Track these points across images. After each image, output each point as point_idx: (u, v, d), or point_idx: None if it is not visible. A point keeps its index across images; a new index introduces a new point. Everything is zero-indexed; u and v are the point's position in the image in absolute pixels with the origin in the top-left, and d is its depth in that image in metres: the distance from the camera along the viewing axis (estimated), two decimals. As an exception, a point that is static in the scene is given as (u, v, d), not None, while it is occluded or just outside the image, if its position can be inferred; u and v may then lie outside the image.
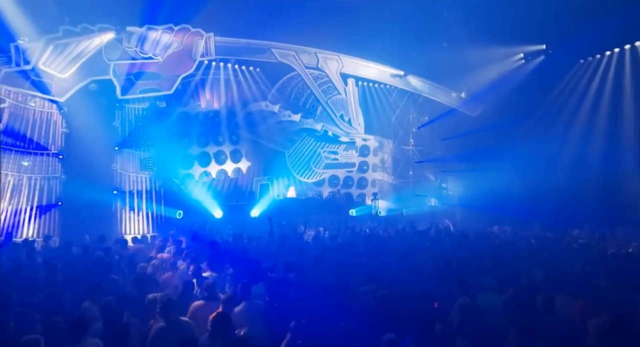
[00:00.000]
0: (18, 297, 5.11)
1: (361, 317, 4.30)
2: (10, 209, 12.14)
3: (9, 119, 12.15)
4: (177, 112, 14.60)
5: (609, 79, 12.79)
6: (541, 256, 7.91)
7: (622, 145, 11.93)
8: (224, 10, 13.84)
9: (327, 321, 4.14)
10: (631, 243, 9.64)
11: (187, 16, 13.78)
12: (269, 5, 14.07)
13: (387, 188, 18.02)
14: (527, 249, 8.93)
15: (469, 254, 7.75)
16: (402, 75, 17.07)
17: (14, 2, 11.34)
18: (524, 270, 6.43)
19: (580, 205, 12.45)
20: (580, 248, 9.09)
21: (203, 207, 13.76)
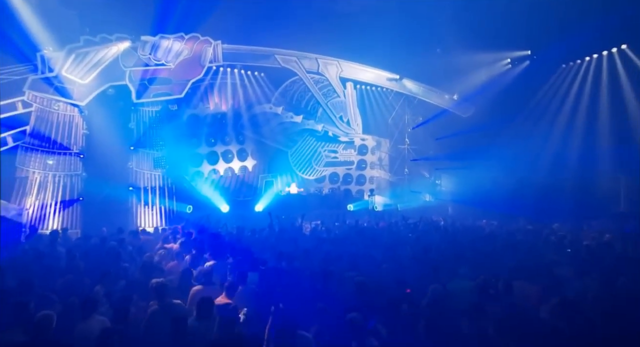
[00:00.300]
0: (40, 282, 5.61)
1: (340, 300, 4.64)
2: (36, 203, 13.26)
3: (36, 121, 13.28)
4: (188, 114, 15.67)
5: (587, 82, 13.75)
6: (518, 247, 8.50)
7: (598, 145, 12.86)
8: (231, 19, 14.84)
9: (308, 302, 4.56)
10: (604, 235, 10.50)
11: (196, 25, 14.83)
12: (272, 15, 15.01)
13: (384, 185, 19.04)
14: (506, 240, 9.86)
15: (450, 245, 8.45)
16: (397, 79, 18.07)
17: (39, 15, 12.49)
18: (499, 259, 7.04)
19: (560, 200, 13.35)
20: (558, 240, 9.94)
21: (211, 202, 14.82)
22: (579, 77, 14.08)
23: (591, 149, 12.98)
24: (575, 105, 13.96)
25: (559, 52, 14.11)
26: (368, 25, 15.16)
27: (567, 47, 13.61)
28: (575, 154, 13.11)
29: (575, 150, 13.20)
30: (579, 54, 14.13)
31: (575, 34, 12.92)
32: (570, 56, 14.33)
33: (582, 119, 13.58)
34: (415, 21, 15.30)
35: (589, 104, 13.56)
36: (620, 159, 12.02)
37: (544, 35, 14.05)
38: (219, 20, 14.49)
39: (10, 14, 11.77)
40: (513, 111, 15.78)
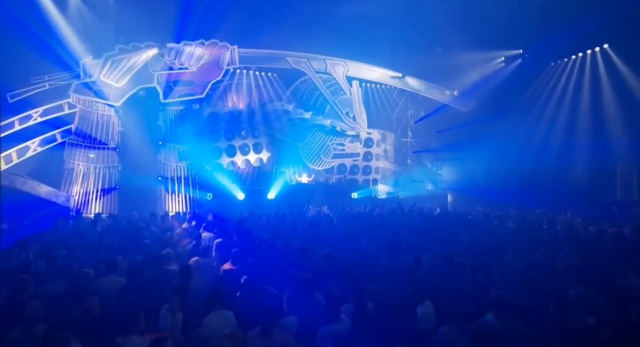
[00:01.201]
0: (82, 253, 7.07)
1: (312, 269, 5.42)
2: (81, 191, 15.43)
3: (79, 120, 15.38)
4: (208, 112, 17.50)
5: (572, 79, 14.76)
6: (487, 230, 9.78)
7: (578, 137, 13.94)
8: (246, 25, 16.41)
9: (286, 270, 5.49)
10: (576, 220, 11.67)
11: (215, 32, 16.47)
12: (283, 20, 16.36)
13: (388, 174, 20.44)
14: (483, 222, 11.23)
15: (425, 227, 9.64)
16: (400, 76, 19.36)
17: (80, 29, 14.49)
18: (456, 239, 8.04)
19: (547, 188, 14.50)
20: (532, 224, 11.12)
21: (229, 191, 16.66)
22: (565, 74, 15.09)
23: (571, 141, 14.05)
24: (560, 100, 14.98)
25: (548, 51, 15.13)
26: (372, 27, 16.22)
27: (555, 46, 14.66)
28: (557, 146, 14.19)
29: (557, 142, 14.28)
30: (567, 52, 15.11)
31: (562, 34, 13.93)
32: (558, 55, 15.32)
33: (566, 113, 14.60)
34: (416, 23, 16.41)
35: (572, 99, 14.58)
36: (596, 150, 13.09)
37: (534, 35, 15.08)
38: (235, 26, 16.08)
39: (56, 30, 13.80)
40: (507, 105, 16.90)
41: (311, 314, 3.90)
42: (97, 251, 7.26)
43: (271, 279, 5.21)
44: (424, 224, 10.37)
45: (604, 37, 13.68)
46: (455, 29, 16.39)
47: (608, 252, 6.44)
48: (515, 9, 14.36)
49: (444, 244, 7.44)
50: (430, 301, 3.96)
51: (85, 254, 7.06)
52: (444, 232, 8.88)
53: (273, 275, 5.40)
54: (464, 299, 4.04)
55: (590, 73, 14.17)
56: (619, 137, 12.96)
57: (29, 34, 12.20)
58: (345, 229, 9.55)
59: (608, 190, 14.49)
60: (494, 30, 15.76)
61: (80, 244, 7.99)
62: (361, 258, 6.31)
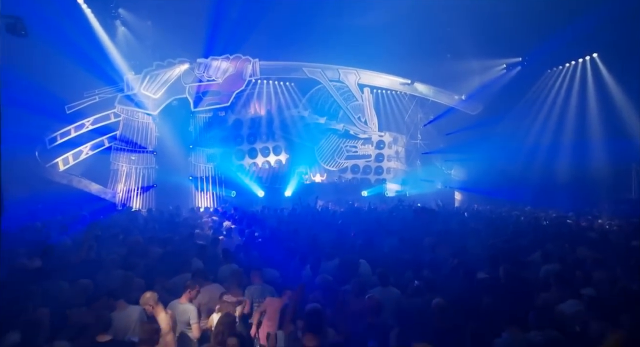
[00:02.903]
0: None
1: (298, 243, 7.05)
2: (124, 188, 17.84)
3: (123, 128, 17.77)
4: (233, 119, 19.56)
5: (564, 85, 15.71)
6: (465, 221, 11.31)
7: (564, 139, 14.91)
8: (266, 40, 18.24)
9: (281, 243, 7.20)
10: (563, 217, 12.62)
11: (239, 47, 18.47)
12: (299, 34, 17.97)
13: (400, 174, 21.82)
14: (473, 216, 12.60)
15: (412, 221, 10.94)
16: (409, 83, 20.73)
17: (124, 49, 16.83)
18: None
19: (554, 188, 15.33)
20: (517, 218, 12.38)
21: (250, 189, 18.64)
22: (558, 80, 16.05)
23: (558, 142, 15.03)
24: (552, 104, 15.95)
25: (545, 59, 16.15)
26: (382, 37, 17.46)
27: (551, 54, 15.68)
28: (545, 147, 15.17)
29: (545, 143, 15.26)
30: (561, 61, 16.06)
31: (557, 43, 14.97)
32: (554, 62, 16.29)
33: (556, 115, 15.56)
34: (424, 33, 17.63)
35: (562, 103, 15.55)
36: (580, 151, 14.05)
37: (532, 44, 16.12)
38: (257, 41, 17.96)
39: (105, 51, 16.18)
40: (509, 109, 17.92)
41: (290, 267, 5.69)
42: (144, 231, 9.34)
43: (269, 248, 7.06)
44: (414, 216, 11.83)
45: (592, 47, 14.58)
46: (461, 38, 17.58)
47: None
48: (516, 19, 15.42)
49: (416, 230, 8.93)
50: (366, 261, 5.58)
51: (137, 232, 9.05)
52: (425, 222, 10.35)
53: (270, 245, 7.26)
54: (393, 262, 5.69)
55: (579, 80, 15.10)
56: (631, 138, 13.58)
57: (83, 55, 14.49)
58: (342, 219, 11.27)
59: (624, 189, 15.13)
60: (496, 39, 16.83)
61: (132, 226, 10.11)
62: (337, 239, 7.93)
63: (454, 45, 18.42)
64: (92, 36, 15.23)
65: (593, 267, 5.08)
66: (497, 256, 5.45)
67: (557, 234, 8.06)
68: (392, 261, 5.80)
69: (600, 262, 5.20)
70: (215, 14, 16.10)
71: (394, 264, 5.69)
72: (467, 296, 4.26)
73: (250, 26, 17.04)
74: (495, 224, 10.10)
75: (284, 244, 7.17)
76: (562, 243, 6.73)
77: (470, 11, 16.54)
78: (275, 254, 6.56)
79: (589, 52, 14.95)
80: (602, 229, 8.59)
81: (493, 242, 7.15)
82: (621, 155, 13.67)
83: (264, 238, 8.31)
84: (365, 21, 17.12)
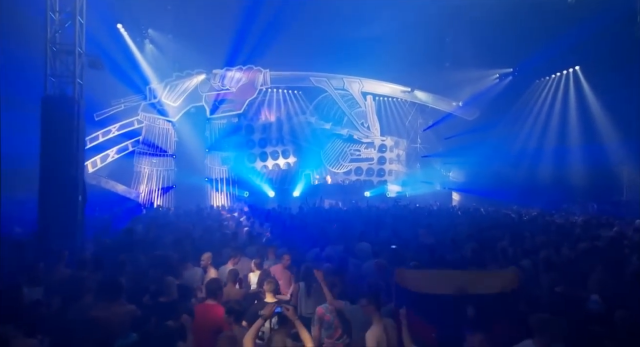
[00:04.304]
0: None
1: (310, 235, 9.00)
2: (146, 189, 19.45)
3: (145, 133, 19.39)
4: (245, 124, 21.11)
5: (549, 95, 17.11)
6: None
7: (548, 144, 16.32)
8: (276, 51, 19.66)
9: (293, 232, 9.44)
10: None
11: (251, 59, 20.03)
12: (306, 46, 19.57)
13: (400, 176, 23.25)
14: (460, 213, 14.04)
15: (404, 216, 12.75)
16: (409, 91, 22.19)
17: (148, 62, 18.47)
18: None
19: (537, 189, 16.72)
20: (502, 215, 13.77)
21: (261, 189, 20.16)
22: (545, 90, 17.45)
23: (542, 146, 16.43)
24: (539, 111, 17.36)
25: (533, 71, 17.56)
26: (384, 49, 18.92)
27: (539, 66, 17.09)
28: (531, 150, 16.57)
29: (532, 147, 16.67)
30: (548, 72, 17.46)
31: (543, 57, 16.35)
32: (541, 73, 17.69)
33: (542, 122, 16.96)
34: (424, 44, 19.01)
35: (547, 110, 16.97)
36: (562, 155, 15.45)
37: (522, 56, 17.51)
38: (267, 53, 19.48)
39: (132, 64, 17.81)
40: (501, 115, 19.28)
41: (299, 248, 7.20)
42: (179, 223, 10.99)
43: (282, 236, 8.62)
44: (407, 213, 13.36)
45: (575, 60, 15.98)
46: (458, 50, 19.06)
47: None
48: (508, 33, 16.74)
49: (408, 224, 10.41)
50: (367, 242, 7.06)
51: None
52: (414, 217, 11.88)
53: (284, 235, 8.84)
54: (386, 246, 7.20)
55: (562, 90, 16.53)
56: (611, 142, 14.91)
57: (116, 70, 16.11)
58: (346, 215, 12.82)
59: (614, 190, 16.42)
60: (490, 51, 18.23)
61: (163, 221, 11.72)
62: (342, 230, 9.50)
63: (452, 56, 19.91)
64: (125, 53, 16.83)
65: (541, 246, 6.56)
66: (462, 239, 6.93)
67: (530, 226, 9.53)
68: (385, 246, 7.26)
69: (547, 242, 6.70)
70: (229, 29, 17.71)
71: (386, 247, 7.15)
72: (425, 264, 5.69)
73: (261, 39, 18.57)
74: (478, 219, 11.56)
75: (295, 233, 8.68)
76: (527, 232, 8.18)
77: (467, 25, 18.00)
78: (288, 240, 8.09)
79: (572, 65, 16.31)
80: (567, 223, 10.00)
81: (471, 231, 8.60)
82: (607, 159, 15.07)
83: (278, 229, 9.79)
84: (368, 34, 18.51)
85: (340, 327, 3.52)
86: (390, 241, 7.63)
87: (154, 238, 7.34)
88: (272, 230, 9.58)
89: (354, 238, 7.79)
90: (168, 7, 16.76)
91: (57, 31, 6.37)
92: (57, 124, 6.22)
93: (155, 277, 4.63)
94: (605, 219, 10.50)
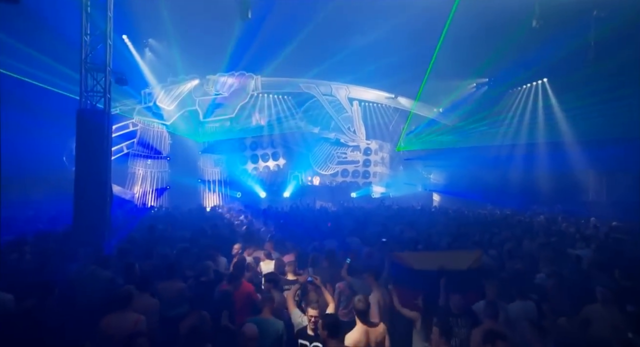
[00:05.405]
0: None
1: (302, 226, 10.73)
2: (140, 190, 20.13)
3: (140, 136, 20.08)
4: (237, 128, 22.00)
5: (520, 104, 18.68)
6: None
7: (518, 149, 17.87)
8: (267, 59, 20.68)
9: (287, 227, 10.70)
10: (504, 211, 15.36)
11: (243, 65, 20.93)
12: (297, 55, 20.43)
13: (384, 178, 24.51)
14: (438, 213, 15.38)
15: (388, 215, 14.04)
16: (393, 97, 23.47)
17: (143, 67, 19.16)
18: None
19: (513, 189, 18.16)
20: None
21: (253, 190, 21.09)
22: (517, 99, 19.01)
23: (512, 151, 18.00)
24: (512, 119, 18.91)
25: (507, 81, 19.07)
26: (370, 57, 20.19)
27: (512, 78, 18.59)
28: (504, 155, 18.09)
29: (504, 152, 18.19)
30: (520, 83, 19.01)
31: (515, 69, 17.83)
32: (514, 84, 19.24)
33: (514, 129, 18.51)
34: (407, 54, 20.30)
35: (519, 118, 18.53)
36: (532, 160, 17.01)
37: (497, 68, 18.93)
38: (259, 59, 20.46)
39: (131, 69, 18.47)
40: (478, 121, 20.73)
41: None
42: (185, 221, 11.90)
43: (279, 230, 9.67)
44: (393, 213, 14.59)
45: (543, 72, 17.53)
46: (439, 60, 20.36)
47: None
48: (484, 46, 18.07)
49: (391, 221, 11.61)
50: (357, 237, 8.21)
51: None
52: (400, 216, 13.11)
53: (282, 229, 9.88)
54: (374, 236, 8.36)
55: (532, 100, 18.10)
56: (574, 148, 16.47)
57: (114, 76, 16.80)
58: (337, 214, 13.95)
59: (580, 192, 17.97)
60: (467, 62, 19.62)
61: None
62: (334, 227, 10.63)
63: (433, 65, 21.22)
64: (130, 62, 17.54)
65: (505, 239, 7.83)
66: (439, 234, 8.15)
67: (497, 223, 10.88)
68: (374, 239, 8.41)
69: (511, 236, 7.97)
70: (222, 36, 18.52)
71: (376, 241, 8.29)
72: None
73: (253, 47, 19.45)
74: (455, 217, 12.88)
75: (293, 230, 9.74)
76: (496, 229, 9.47)
77: (447, 37, 19.31)
78: (288, 236, 9.15)
79: (540, 78, 17.88)
80: (532, 221, 11.41)
81: (448, 228, 9.85)
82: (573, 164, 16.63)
83: (277, 227, 10.85)
84: (355, 43, 19.68)
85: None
86: (380, 236, 8.79)
87: (171, 234, 8.30)
88: (273, 227, 10.60)
89: (345, 234, 8.90)
90: (164, 15, 17.52)
91: (90, 52, 7.22)
92: (91, 134, 7.09)
93: (190, 264, 5.64)
94: (562, 218, 11.96)
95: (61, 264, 5.70)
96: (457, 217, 13.30)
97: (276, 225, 10.72)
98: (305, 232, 9.26)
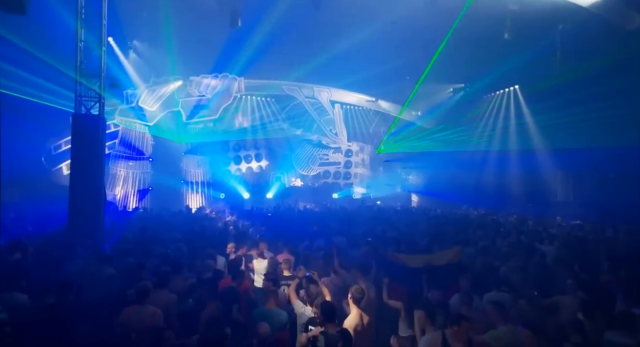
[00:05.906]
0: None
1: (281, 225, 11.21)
2: (122, 191, 20.06)
3: (122, 136, 20.01)
4: (220, 130, 22.15)
5: (494, 108, 19.65)
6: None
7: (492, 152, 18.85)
8: (251, 61, 20.91)
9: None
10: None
11: (227, 67, 21.12)
12: (280, 58, 20.84)
13: (365, 179, 25.17)
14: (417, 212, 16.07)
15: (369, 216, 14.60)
16: (374, 100, 24.12)
17: (130, 69, 19.11)
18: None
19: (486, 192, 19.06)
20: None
21: (237, 191, 21.32)
22: (491, 104, 19.98)
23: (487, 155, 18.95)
24: (486, 123, 19.87)
25: (482, 87, 19.98)
26: (352, 60, 20.75)
27: (486, 84, 19.49)
28: (479, 158, 19.00)
29: (479, 155, 19.12)
30: (494, 89, 19.96)
31: (490, 76, 18.70)
32: (489, 90, 20.18)
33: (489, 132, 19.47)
34: (388, 58, 20.93)
35: (494, 122, 19.49)
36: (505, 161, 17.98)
37: (472, 74, 19.83)
38: (243, 61, 20.68)
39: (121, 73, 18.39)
40: (455, 124, 21.60)
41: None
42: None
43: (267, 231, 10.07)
44: (375, 213, 15.18)
45: (515, 79, 18.49)
46: (418, 65, 21.11)
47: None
48: (460, 52, 18.87)
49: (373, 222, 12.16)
50: (343, 236, 8.70)
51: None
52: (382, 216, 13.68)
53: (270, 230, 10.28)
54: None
55: (505, 104, 19.09)
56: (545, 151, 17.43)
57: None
58: (322, 215, 14.41)
59: (549, 193, 18.96)
60: (445, 67, 20.39)
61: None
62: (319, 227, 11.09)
63: (413, 70, 21.96)
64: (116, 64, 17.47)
65: (479, 238, 8.47)
66: (419, 233, 8.74)
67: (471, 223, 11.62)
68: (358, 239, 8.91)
69: (485, 235, 8.62)
70: (206, 38, 18.71)
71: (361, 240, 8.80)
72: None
73: (237, 49, 19.74)
74: (433, 217, 13.57)
75: (280, 230, 10.16)
76: (471, 228, 10.15)
77: (425, 43, 20.06)
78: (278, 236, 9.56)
79: (513, 84, 18.86)
80: (504, 221, 12.20)
81: (427, 227, 10.47)
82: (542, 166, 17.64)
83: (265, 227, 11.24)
84: (337, 47, 20.18)
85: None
86: (364, 235, 9.31)
87: (163, 234, 8.58)
88: (262, 228, 10.99)
89: (331, 234, 9.39)
90: (148, 16, 17.57)
91: (85, 59, 7.43)
92: (85, 139, 7.29)
93: (187, 263, 6.00)
94: (532, 218, 12.83)
95: (61, 264, 5.95)
96: (435, 216, 13.98)
97: (266, 225, 11.09)
98: (294, 232, 9.68)
